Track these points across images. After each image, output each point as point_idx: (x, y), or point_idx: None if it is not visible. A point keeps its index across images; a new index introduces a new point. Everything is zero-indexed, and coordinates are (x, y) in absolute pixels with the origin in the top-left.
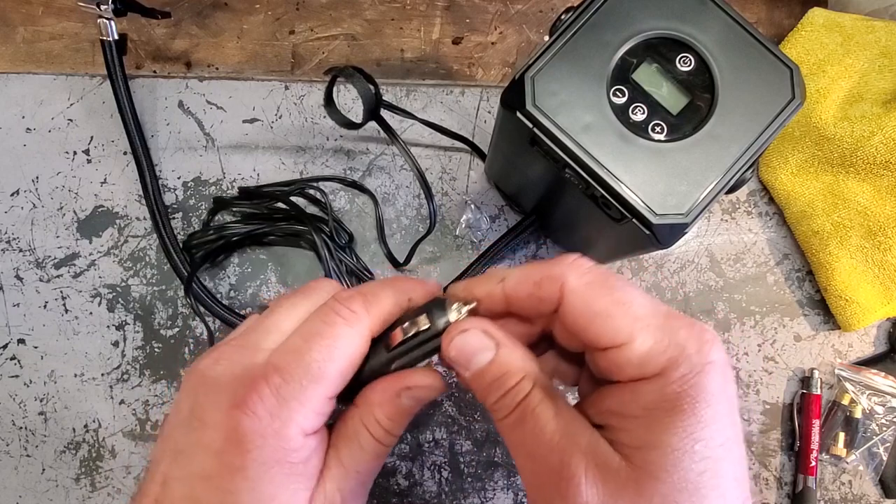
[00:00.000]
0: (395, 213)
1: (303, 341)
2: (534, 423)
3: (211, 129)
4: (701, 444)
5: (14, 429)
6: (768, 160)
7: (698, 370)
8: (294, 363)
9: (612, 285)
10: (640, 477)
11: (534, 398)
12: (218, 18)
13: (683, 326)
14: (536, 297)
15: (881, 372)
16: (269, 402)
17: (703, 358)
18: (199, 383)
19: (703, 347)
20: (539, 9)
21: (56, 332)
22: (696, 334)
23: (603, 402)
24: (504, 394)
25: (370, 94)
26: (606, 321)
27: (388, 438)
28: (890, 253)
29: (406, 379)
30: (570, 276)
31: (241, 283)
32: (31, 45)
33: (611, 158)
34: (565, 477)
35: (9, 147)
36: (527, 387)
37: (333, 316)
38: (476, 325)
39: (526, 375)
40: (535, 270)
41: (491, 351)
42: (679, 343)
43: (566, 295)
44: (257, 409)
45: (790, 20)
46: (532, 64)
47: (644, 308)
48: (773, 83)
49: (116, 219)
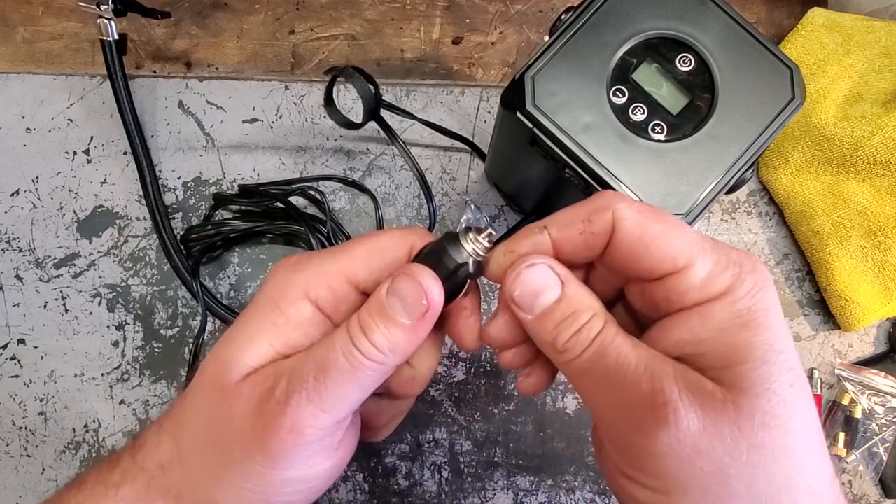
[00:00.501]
0: (396, 214)
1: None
2: (616, 354)
3: (211, 129)
4: (783, 355)
5: (14, 429)
6: (768, 160)
7: (760, 285)
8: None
9: (662, 212)
10: (736, 396)
11: (608, 332)
12: (218, 18)
13: (732, 249)
14: (588, 234)
15: (881, 372)
16: (302, 258)
17: (759, 274)
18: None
19: (756, 266)
20: (539, 9)
21: (56, 332)
22: (745, 255)
23: (670, 335)
24: (577, 330)
25: (370, 94)
26: (666, 245)
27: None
28: (890, 253)
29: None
30: (621, 205)
31: (241, 283)
32: (31, 45)
33: (611, 158)
34: (661, 403)
35: (9, 147)
36: (599, 322)
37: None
38: (542, 260)
39: (597, 311)
40: (580, 209)
41: (557, 288)
42: (736, 261)
43: (620, 223)
44: (289, 260)
45: (790, 20)
46: (532, 64)
47: (695, 233)
48: (773, 83)
49: (116, 219)
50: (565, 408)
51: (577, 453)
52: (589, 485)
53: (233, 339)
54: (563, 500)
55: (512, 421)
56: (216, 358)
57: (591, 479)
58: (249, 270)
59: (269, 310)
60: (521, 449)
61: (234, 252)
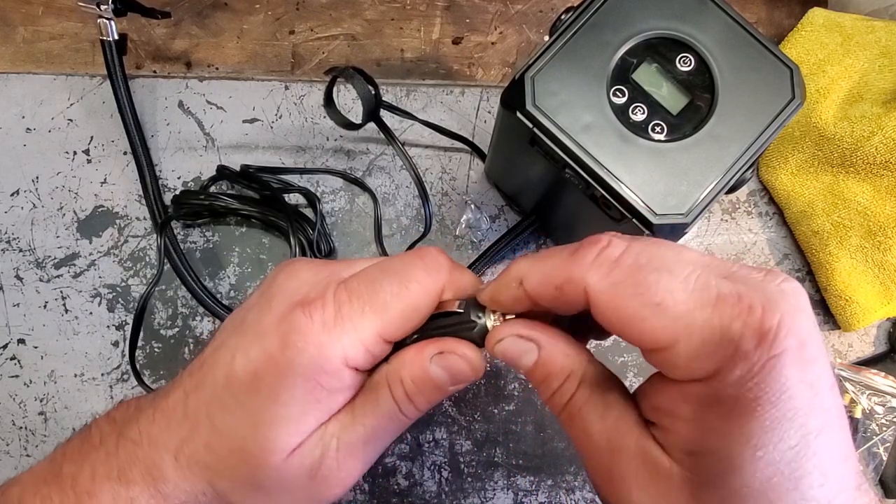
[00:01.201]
0: (395, 214)
1: (379, 272)
2: (581, 423)
3: (211, 129)
4: (764, 450)
5: (14, 429)
6: (768, 160)
7: (759, 368)
8: (363, 287)
9: (641, 281)
10: (694, 481)
11: (579, 399)
12: (218, 18)
13: (739, 315)
14: (562, 301)
15: (881, 372)
16: (328, 312)
17: (766, 352)
18: (285, 276)
19: (766, 339)
20: (539, 9)
21: (56, 332)
22: (756, 323)
23: (653, 398)
24: (551, 394)
25: (370, 95)
26: (642, 325)
27: (406, 404)
28: (890, 253)
29: (441, 343)
30: (593, 278)
31: (241, 283)
32: (31, 45)
33: (611, 158)
34: (615, 479)
35: (9, 147)
36: (571, 387)
37: (416, 260)
38: (510, 332)
39: (570, 374)
40: (555, 271)
41: (533, 353)
42: (732, 339)
43: (592, 299)
44: (314, 313)
45: (790, 20)
46: (532, 64)
47: (684, 303)
48: (773, 83)
49: (116, 219)
50: None
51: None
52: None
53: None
54: (563, 500)
55: (512, 421)
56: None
57: None
58: (249, 270)
59: (308, 388)
60: (521, 449)
61: (235, 252)
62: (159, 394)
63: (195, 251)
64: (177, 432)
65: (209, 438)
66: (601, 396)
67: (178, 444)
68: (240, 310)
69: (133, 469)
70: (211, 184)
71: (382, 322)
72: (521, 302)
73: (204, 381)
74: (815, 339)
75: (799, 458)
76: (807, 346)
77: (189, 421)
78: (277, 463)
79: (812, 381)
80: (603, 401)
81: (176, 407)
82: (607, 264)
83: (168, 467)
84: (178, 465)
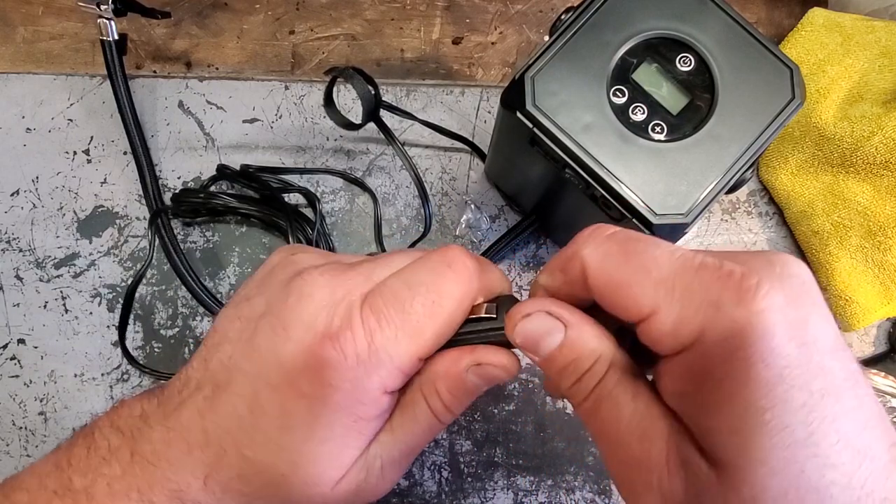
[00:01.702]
0: (395, 214)
1: (405, 288)
2: (610, 408)
3: (211, 129)
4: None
5: (14, 429)
6: (768, 160)
7: (741, 326)
8: (392, 310)
9: (630, 250)
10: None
11: (608, 381)
12: (218, 18)
13: (719, 277)
14: (568, 284)
15: (881, 372)
16: (361, 345)
17: (747, 309)
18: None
19: (746, 296)
20: (539, 9)
21: (56, 332)
22: (736, 282)
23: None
24: (578, 378)
25: (369, 95)
26: (629, 290)
27: (445, 414)
28: (890, 253)
29: (478, 354)
30: (586, 251)
31: (241, 283)
32: (31, 45)
33: (611, 158)
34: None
35: (9, 147)
36: (601, 369)
37: (444, 270)
38: (538, 307)
39: (600, 357)
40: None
41: (560, 333)
42: (712, 300)
43: (587, 272)
44: (347, 348)
45: (790, 20)
46: (532, 64)
47: (668, 268)
48: (773, 83)
49: (116, 219)
50: (565, 408)
51: (577, 453)
52: (589, 485)
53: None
54: (563, 500)
55: (512, 421)
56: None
57: (591, 479)
58: (249, 270)
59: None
60: (521, 449)
61: (235, 252)
62: (166, 403)
63: (195, 251)
64: (201, 459)
65: (242, 470)
66: (630, 381)
67: (206, 470)
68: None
69: (154, 490)
70: (211, 183)
71: (417, 346)
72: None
73: (222, 406)
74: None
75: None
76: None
77: (213, 448)
78: (325, 493)
79: (806, 340)
80: (632, 386)
81: (192, 429)
82: (601, 238)
83: (198, 492)
84: (207, 489)
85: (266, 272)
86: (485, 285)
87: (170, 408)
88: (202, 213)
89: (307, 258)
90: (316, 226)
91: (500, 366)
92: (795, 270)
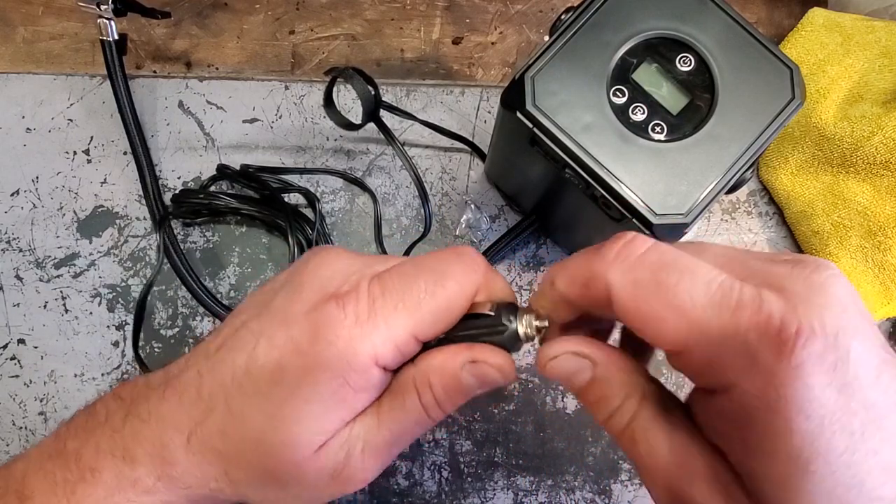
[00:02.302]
0: (395, 214)
1: (414, 268)
2: (647, 444)
3: (211, 129)
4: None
5: (14, 429)
6: (768, 160)
7: (780, 380)
8: (397, 283)
9: (663, 282)
10: None
11: (641, 420)
12: (218, 18)
13: (757, 324)
14: (590, 299)
15: None
16: (361, 306)
17: (787, 363)
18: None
19: (784, 350)
20: (539, 9)
21: (56, 332)
22: (774, 331)
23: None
24: (609, 415)
25: (369, 95)
26: (659, 326)
27: (434, 410)
28: (890, 253)
29: (475, 351)
30: (614, 275)
31: (241, 283)
32: (31, 45)
33: (611, 158)
34: None
35: (9, 147)
36: (631, 407)
37: (453, 258)
38: (564, 349)
39: (628, 394)
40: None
41: (588, 371)
42: (749, 350)
43: (612, 296)
44: (348, 306)
45: (790, 20)
46: (532, 64)
47: (703, 307)
48: (773, 83)
49: (116, 219)
50: (565, 408)
51: (577, 453)
52: (589, 485)
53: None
54: (563, 500)
55: (512, 421)
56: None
57: (591, 479)
58: (249, 270)
59: (335, 386)
60: (521, 449)
61: (235, 252)
62: (171, 371)
63: (195, 251)
64: (189, 413)
65: (225, 424)
66: (665, 417)
67: (191, 425)
68: (263, 291)
69: (139, 448)
70: (211, 183)
71: (415, 321)
72: (558, 305)
73: (222, 364)
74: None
75: (855, 462)
76: (836, 342)
77: (203, 403)
78: (299, 460)
79: (846, 380)
80: (668, 421)
81: (188, 386)
82: (630, 261)
83: (178, 449)
84: (189, 447)
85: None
86: (488, 284)
87: (172, 372)
88: (202, 213)
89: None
90: (316, 226)
91: (496, 366)
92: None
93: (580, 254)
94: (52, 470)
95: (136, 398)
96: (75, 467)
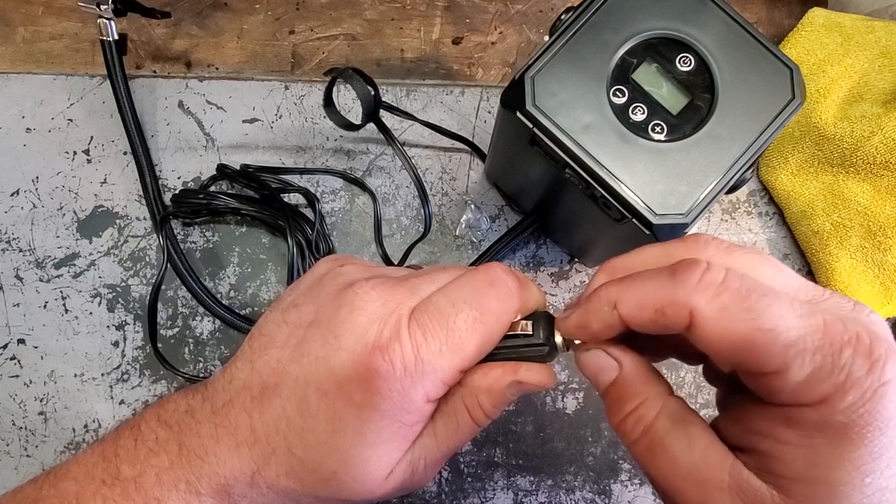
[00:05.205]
0: (395, 214)
1: (449, 304)
2: (665, 453)
3: (211, 129)
4: (872, 476)
5: (14, 429)
6: (768, 160)
7: (869, 396)
8: (437, 325)
9: (752, 307)
10: None
11: (660, 426)
12: (218, 18)
13: (849, 342)
14: (661, 324)
15: None
16: (408, 357)
17: (875, 380)
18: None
19: (875, 367)
20: (539, 9)
21: (56, 332)
22: (865, 350)
23: (749, 422)
24: (625, 416)
25: (369, 96)
26: (752, 350)
27: (485, 422)
28: (890, 253)
29: (520, 373)
30: (700, 302)
31: (241, 283)
32: (31, 45)
33: (611, 158)
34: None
35: (9, 147)
36: (650, 412)
37: (487, 289)
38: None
39: (647, 399)
40: (655, 294)
41: (614, 371)
42: (844, 366)
43: (698, 323)
44: (395, 359)
45: (790, 20)
46: (532, 64)
47: (796, 329)
48: (773, 83)
49: (116, 219)
50: (565, 408)
51: (577, 453)
52: (589, 485)
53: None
54: (563, 500)
55: (512, 421)
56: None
57: (590, 479)
58: (249, 270)
59: (395, 428)
60: (521, 449)
61: (235, 252)
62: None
63: (195, 251)
64: (249, 456)
65: (291, 467)
66: (684, 428)
67: (254, 467)
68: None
69: (202, 483)
70: (211, 183)
71: (460, 358)
72: (613, 328)
73: (271, 408)
74: None
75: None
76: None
77: (261, 447)
78: (372, 489)
79: None
80: (686, 432)
81: (240, 426)
82: (714, 287)
83: (243, 486)
84: (254, 484)
85: (314, 280)
86: (523, 304)
87: (217, 405)
88: (202, 213)
89: (355, 270)
90: (316, 226)
91: (539, 383)
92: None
93: (646, 279)
94: (111, 496)
95: (183, 428)
96: (137, 496)
